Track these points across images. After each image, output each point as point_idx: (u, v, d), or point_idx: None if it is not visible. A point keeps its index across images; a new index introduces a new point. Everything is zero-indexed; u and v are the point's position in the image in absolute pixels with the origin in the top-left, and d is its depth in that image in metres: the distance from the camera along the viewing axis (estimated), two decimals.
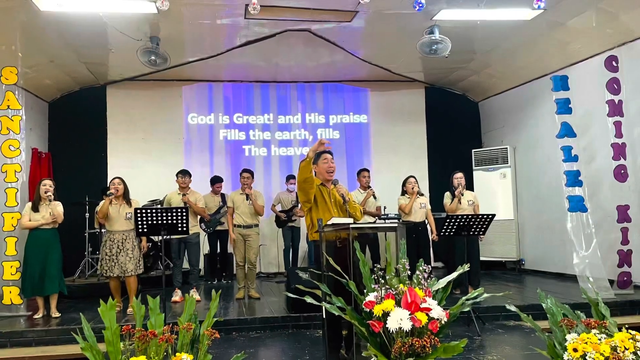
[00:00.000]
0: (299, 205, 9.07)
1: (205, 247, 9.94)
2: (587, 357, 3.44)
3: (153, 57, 8.21)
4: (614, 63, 7.48)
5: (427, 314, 3.38)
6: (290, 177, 9.97)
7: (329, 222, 4.45)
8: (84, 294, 8.18)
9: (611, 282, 7.31)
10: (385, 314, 3.39)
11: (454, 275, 3.86)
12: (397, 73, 10.95)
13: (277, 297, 7.87)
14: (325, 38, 8.89)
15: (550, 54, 8.93)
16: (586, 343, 3.50)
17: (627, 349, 3.45)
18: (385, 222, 8.13)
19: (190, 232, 7.70)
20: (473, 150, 11.01)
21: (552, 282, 8.81)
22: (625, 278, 7.29)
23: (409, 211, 7.85)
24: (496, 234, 10.43)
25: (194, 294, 7.75)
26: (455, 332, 6.01)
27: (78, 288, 8.28)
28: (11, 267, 6.69)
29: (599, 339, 3.56)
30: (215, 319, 3.64)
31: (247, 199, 7.90)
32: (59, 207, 6.80)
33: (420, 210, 7.92)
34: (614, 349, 3.47)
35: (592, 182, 7.94)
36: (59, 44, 8.34)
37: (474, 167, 10.88)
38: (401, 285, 3.58)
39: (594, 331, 3.64)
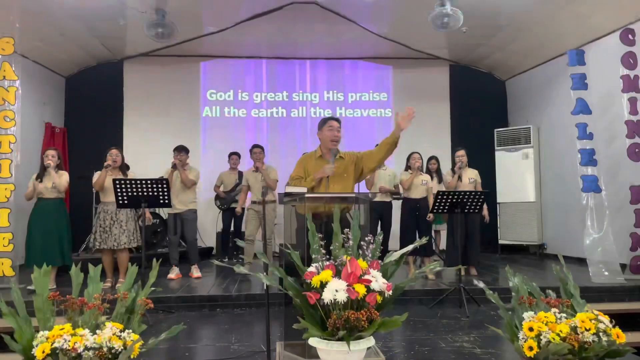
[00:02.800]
0: None
1: (218, 225, 9.91)
2: (541, 337, 3.18)
3: (160, 30, 8.15)
4: (630, 36, 7.02)
5: (366, 286, 3.18)
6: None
7: (285, 191, 4.26)
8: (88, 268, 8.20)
9: (624, 266, 6.89)
10: (323, 286, 3.21)
11: (409, 248, 3.63)
12: (419, 50, 10.65)
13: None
14: (334, 11, 8.68)
15: (574, 29, 8.46)
16: (544, 322, 3.26)
17: (588, 330, 3.18)
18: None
19: (187, 207, 7.64)
20: (495, 130, 10.60)
21: (574, 268, 8.36)
22: (638, 262, 6.85)
23: (407, 187, 7.61)
24: (517, 217, 10.07)
25: (195, 271, 7.70)
26: (445, 313, 5.80)
27: (82, 262, 8.30)
28: (4, 238, 6.68)
29: (558, 319, 3.29)
30: (152, 289, 3.51)
31: (259, 173, 7.82)
32: (63, 177, 6.75)
33: (422, 186, 7.66)
34: (573, 329, 3.21)
35: (613, 163, 7.52)
36: (66, 17, 8.29)
37: (496, 147, 10.49)
38: (345, 257, 3.39)
39: (553, 310, 3.36)
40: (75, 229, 7.19)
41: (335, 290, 3.13)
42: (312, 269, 3.38)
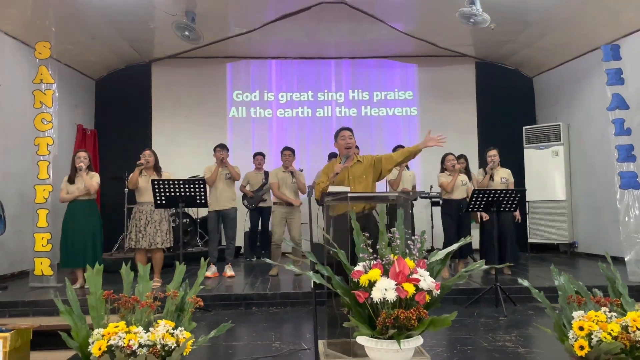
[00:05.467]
0: None
1: (246, 224, 9.94)
2: (593, 336, 3.16)
3: (187, 33, 8.21)
4: None
5: (415, 285, 3.18)
6: (332, 156, 9.77)
7: (329, 191, 4.28)
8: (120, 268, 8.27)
9: None
10: (372, 284, 3.22)
11: (455, 246, 3.64)
12: (444, 47, 10.60)
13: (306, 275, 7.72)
14: (362, 10, 8.66)
15: (605, 23, 8.36)
16: (594, 321, 3.23)
17: (639, 329, 3.16)
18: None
19: (231, 205, 7.69)
20: (524, 127, 10.51)
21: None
22: None
23: (451, 189, 7.55)
24: (548, 215, 9.98)
25: (228, 270, 7.74)
26: (482, 312, 5.77)
27: (114, 262, 8.39)
28: (42, 238, 6.78)
29: (609, 318, 3.27)
30: (201, 287, 3.56)
31: (292, 177, 7.85)
32: (94, 178, 6.83)
33: (462, 187, 7.61)
34: (624, 328, 3.18)
35: None
36: (98, 20, 8.42)
37: (524, 145, 10.41)
38: (392, 256, 3.40)
39: (603, 309, 3.34)
40: (106, 230, 7.27)
41: (385, 289, 3.14)
42: (359, 267, 3.39)
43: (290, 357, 4.27)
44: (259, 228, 9.79)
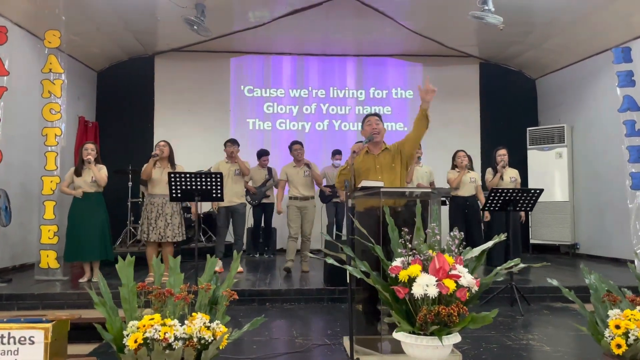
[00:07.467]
0: None
1: (249, 221, 9.88)
2: (629, 335, 3.17)
3: (195, 27, 8.14)
4: None
5: (455, 282, 3.16)
6: (335, 153, 9.75)
7: (360, 185, 4.24)
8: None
9: None
10: (411, 280, 3.19)
11: (489, 244, 3.63)
12: (451, 47, 10.59)
13: (316, 272, 7.70)
14: (374, 7, 8.63)
15: (613, 26, 8.39)
16: (630, 320, 3.24)
17: None
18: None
19: (240, 201, 7.65)
20: (528, 129, 10.55)
21: (608, 267, 8.35)
22: None
23: (456, 185, 7.56)
24: (550, 217, 10.02)
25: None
26: (498, 311, 5.73)
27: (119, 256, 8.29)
28: (49, 231, 6.70)
29: None
30: (235, 281, 3.51)
31: (307, 169, 7.77)
32: (102, 171, 6.73)
33: (470, 184, 7.63)
34: None
35: None
36: (105, 11, 8.30)
37: (528, 146, 10.44)
38: (430, 251, 3.37)
39: (638, 307, 3.35)
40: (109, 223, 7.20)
41: (426, 285, 3.12)
42: (397, 263, 3.36)
43: (317, 353, 4.23)
44: (262, 224, 9.76)
